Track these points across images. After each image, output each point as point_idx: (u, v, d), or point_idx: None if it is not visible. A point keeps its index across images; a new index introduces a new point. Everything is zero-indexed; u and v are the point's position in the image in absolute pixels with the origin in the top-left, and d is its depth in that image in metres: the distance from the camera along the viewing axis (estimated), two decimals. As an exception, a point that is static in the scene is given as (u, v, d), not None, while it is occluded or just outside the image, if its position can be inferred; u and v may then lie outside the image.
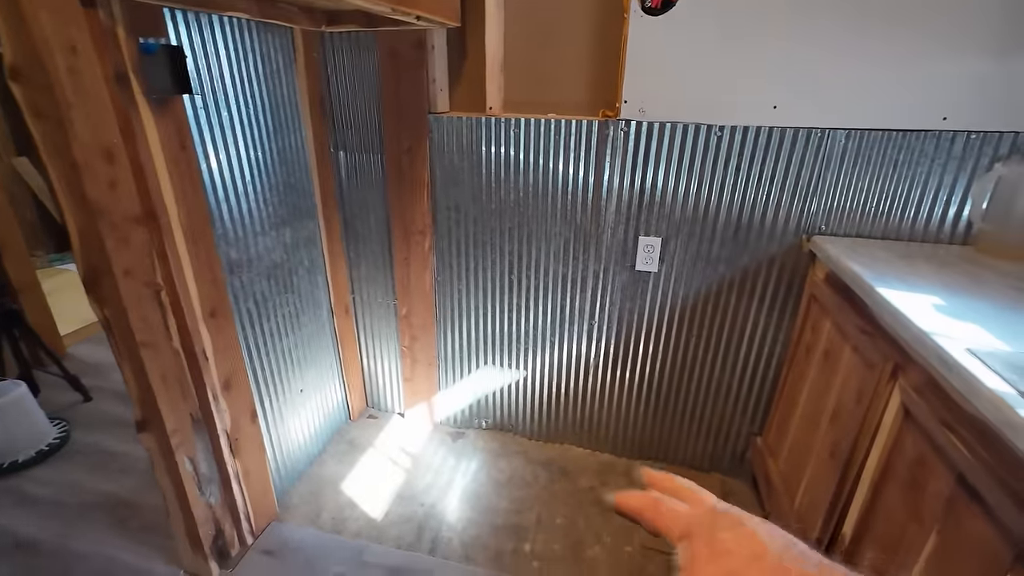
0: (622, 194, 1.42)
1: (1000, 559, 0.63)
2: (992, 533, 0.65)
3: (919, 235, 1.27)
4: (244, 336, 1.35)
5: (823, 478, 1.11)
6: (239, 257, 1.31)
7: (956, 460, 0.72)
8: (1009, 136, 1.15)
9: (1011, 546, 0.62)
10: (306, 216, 1.56)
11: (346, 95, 1.55)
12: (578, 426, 1.78)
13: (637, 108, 1.33)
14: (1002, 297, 0.94)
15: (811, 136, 1.25)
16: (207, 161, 1.18)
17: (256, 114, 1.31)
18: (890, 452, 0.88)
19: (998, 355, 0.73)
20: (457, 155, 1.51)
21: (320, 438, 1.77)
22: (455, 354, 1.80)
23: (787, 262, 1.38)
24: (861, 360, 1.03)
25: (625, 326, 1.58)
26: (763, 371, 1.51)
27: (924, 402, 0.80)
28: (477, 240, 1.60)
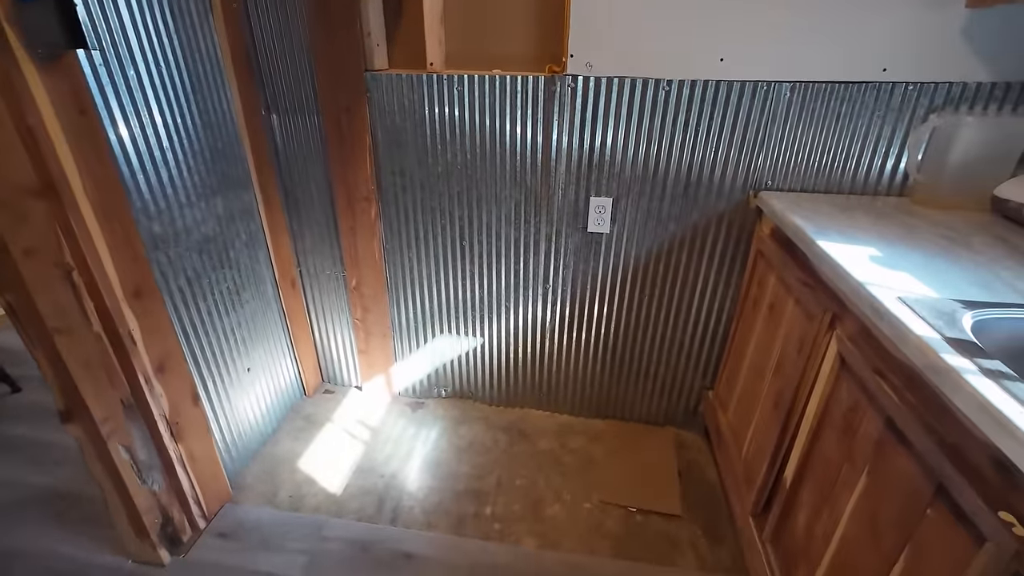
0: (571, 154, 1.39)
1: (922, 494, 0.66)
2: (915, 471, 0.68)
3: (860, 188, 1.30)
4: (177, 316, 1.27)
5: (767, 427, 1.15)
6: (163, 231, 1.21)
7: (886, 405, 0.74)
8: (944, 87, 1.16)
9: (932, 482, 0.65)
10: (239, 185, 1.45)
11: (274, 51, 1.43)
12: (537, 389, 1.79)
13: (584, 63, 1.28)
14: (932, 246, 0.97)
15: (757, 89, 1.24)
16: (115, 127, 1.06)
17: (171, 72, 1.19)
18: (827, 400, 0.91)
19: (926, 302, 0.75)
20: (399, 116, 1.43)
21: (273, 416, 1.72)
22: (410, 324, 1.76)
23: (735, 218, 1.38)
24: (802, 312, 1.05)
25: (579, 288, 1.57)
26: (713, 327, 1.55)
27: (858, 350, 0.83)
28: (425, 206, 1.54)
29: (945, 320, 0.70)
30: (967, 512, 0.58)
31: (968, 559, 0.57)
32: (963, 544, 0.58)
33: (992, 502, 0.55)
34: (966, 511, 0.58)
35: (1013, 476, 0.53)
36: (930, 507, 0.64)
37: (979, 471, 0.58)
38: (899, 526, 0.70)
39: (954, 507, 0.60)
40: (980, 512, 0.56)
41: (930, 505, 0.64)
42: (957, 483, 0.59)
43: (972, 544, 0.57)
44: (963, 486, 0.58)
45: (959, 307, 0.73)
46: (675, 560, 1.32)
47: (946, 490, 0.62)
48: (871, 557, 0.75)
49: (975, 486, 0.57)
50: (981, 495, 0.56)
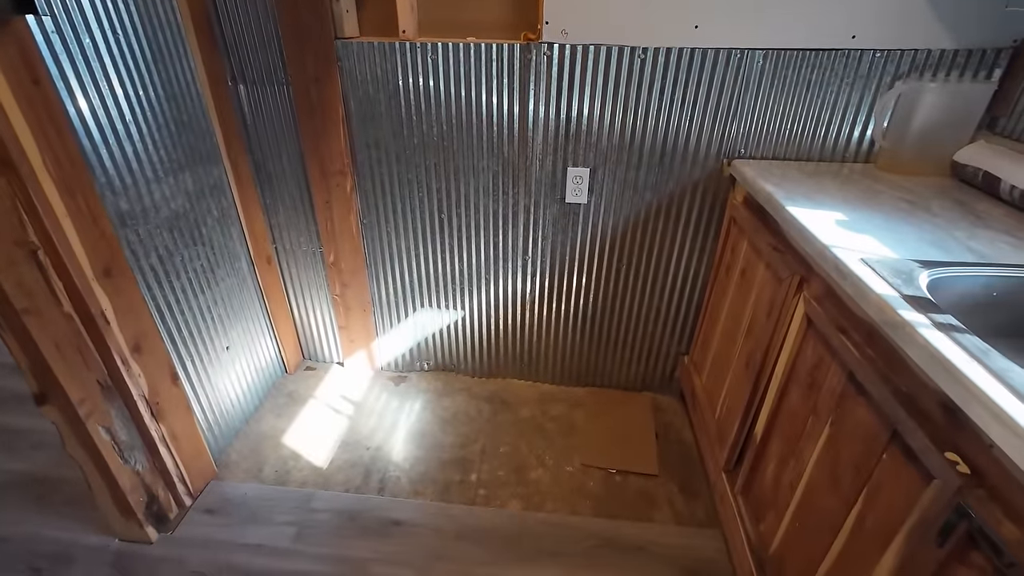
0: (548, 123, 1.38)
1: (878, 439, 0.71)
2: (873, 419, 0.73)
3: (828, 155, 1.33)
4: (151, 295, 1.24)
5: (739, 387, 1.21)
6: (131, 208, 1.17)
7: (847, 360, 0.79)
8: (909, 54, 1.19)
9: (887, 428, 0.70)
10: (208, 160, 1.41)
11: (238, 17, 1.37)
12: (518, 360, 1.82)
13: (559, 30, 1.26)
14: (894, 210, 1.01)
15: (731, 57, 1.24)
16: (72, 98, 1.02)
17: (129, 41, 1.14)
18: (795, 358, 0.96)
19: (886, 262, 0.79)
20: (372, 86, 1.40)
21: (256, 394, 1.72)
22: (390, 298, 1.76)
23: (710, 186, 1.41)
24: (772, 275, 1.09)
25: (558, 259, 1.59)
26: (689, 293, 1.59)
27: (823, 310, 0.87)
28: (402, 178, 1.52)
29: (903, 279, 0.74)
30: (917, 453, 0.62)
31: (917, 495, 0.62)
32: (913, 482, 0.63)
33: (940, 443, 0.59)
34: (917, 453, 0.63)
35: (958, 418, 0.58)
36: (885, 451, 0.69)
37: (929, 416, 0.63)
38: (858, 470, 0.75)
39: (906, 450, 0.65)
40: (929, 452, 0.60)
41: (885, 449, 0.69)
42: (909, 428, 0.64)
43: (921, 482, 0.62)
44: (914, 430, 0.63)
45: (916, 267, 0.77)
46: (652, 516, 1.39)
47: (900, 435, 0.66)
48: (833, 500, 0.81)
49: (925, 429, 0.62)
50: (930, 437, 0.61)
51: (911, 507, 0.62)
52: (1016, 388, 0.53)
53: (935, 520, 0.58)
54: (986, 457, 0.54)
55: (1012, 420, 0.49)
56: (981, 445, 0.55)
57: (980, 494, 0.53)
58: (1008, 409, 0.50)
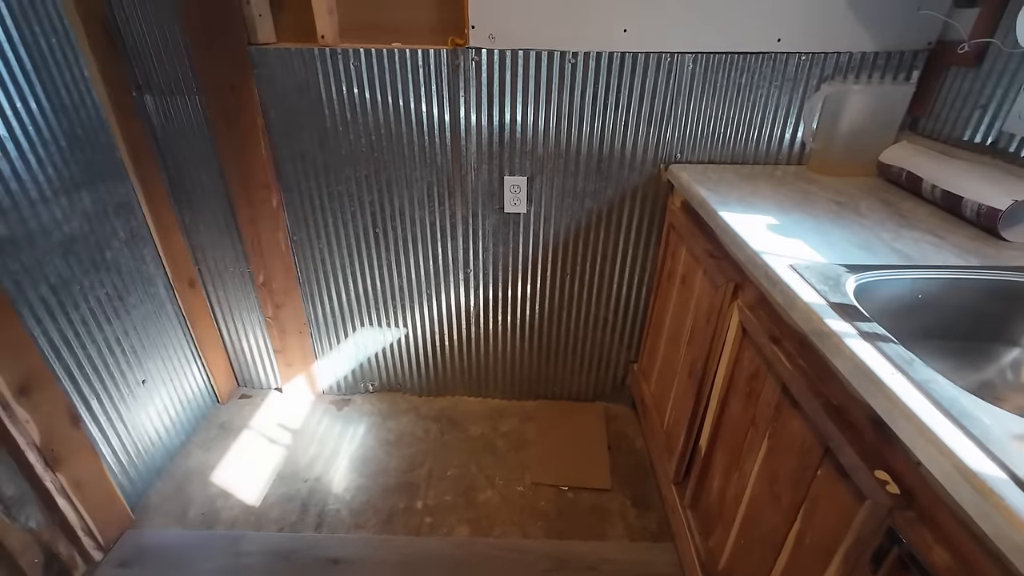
0: (481, 131, 1.33)
1: (813, 455, 0.69)
2: (807, 433, 0.70)
3: (762, 158, 1.33)
4: (42, 329, 1.11)
5: (684, 397, 1.18)
6: (11, 233, 1.05)
7: (780, 372, 0.76)
8: (832, 56, 1.20)
9: (821, 443, 0.67)
10: (111, 176, 1.29)
11: (138, 21, 1.26)
12: (466, 375, 1.76)
13: (486, 35, 1.21)
14: (824, 212, 1.01)
15: (661, 61, 1.23)
16: (-75, 111, 0.89)
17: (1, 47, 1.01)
18: (732, 368, 0.93)
19: (815, 268, 0.77)
20: (294, 94, 1.31)
21: (181, 428, 1.58)
22: (328, 318, 1.66)
23: (648, 192, 1.39)
24: (710, 282, 1.07)
25: (500, 271, 1.54)
26: (635, 301, 1.56)
27: (756, 319, 0.84)
28: (332, 192, 1.44)
29: (830, 285, 0.72)
30: (849, 471, 0.59)
31: (851, 516, 0.59)
32: (847, 502, 0.60)
33: (870, 460, 0.57)
34: (848, 470, 0.60)
35: (886, 433, 0.55)
36: (820, 467, 0.67)
37: (859, 431, 0.60)
38: (796, 486, 0.72)
39: (838, 467, 0.62)
40: (859, 470, 0.57)
41: (819, 466, 0.67)
42: (840, 443, 0.61)
43: (855, 501, 0.59)
44: (844, 446, 0.60)
45: (843, 271, 0.75)
46: (605, 532, 1.35)
47: (832, 451, 0.64)
48: (774, 516, 0.78)
49: (855, 446, 0.59)
50: (860, 454, 0.58)
51: (846, 528, 0.59)
52: (939, 401, 0.50)
53: (868, 543, 0.55)
54: (914, 476, 0.51)
55: (936, 436, 0.47)
56: (909, 463, 0.52)
57: (910, 516, 0.51)
58: (931, 424, 0.48)
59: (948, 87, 1.14)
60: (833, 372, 0.65)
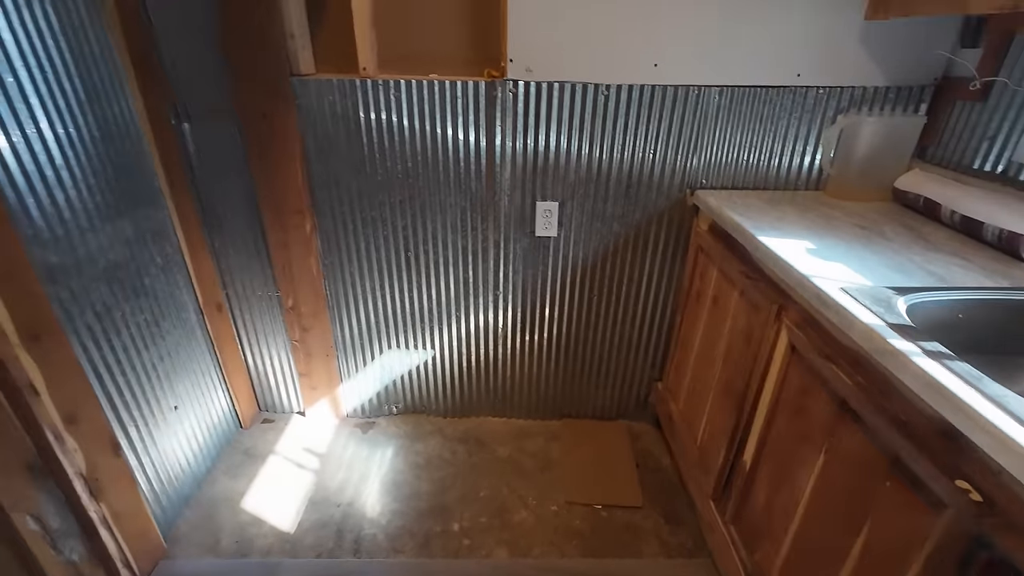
0: (516, 158, 1.38)
1: (878, 467, 0.73)
2: (871, 446, 0.75)
3: (782, 183, 1.41)
4: (88, 357, 1.11)
5: (721, 413, 1.22)
6: (62, 261, 1.05)
7: (837, 387, 0.81)
8: (848, 90, 1.29)
9: (887, 455, 0.71)
10: (149, 203, 1.30)
11: (182, 53, 1.29)
12: (491, 396, 1.77)
13: (524, 67, 1.27)
14: (853, 236, 1.07)
15: (689, 93, 1.30)
16: (-7, 143, 0.90)
17: (59, 78, 1.03)
18: (780, 385, 0.98)
19: (864, 290, 0.82)
20: (331, 123, 1.35)
21: (208, 455, 1.56)
22: (355, 341, 1.67)
23: (674, 216, 1.45)
24: (747, 303, 1.12)
25: (529, 292, 1.57)
26: (659, 320, 1.61)
27: (807, 338, 0.89)
28: (366, 217, 1.47)
29: (884, 306, 0.77)
30: (925, 481, 0.64)
31: (929, 524, 0.63)
32: (923, 511, 0.64)
33: (947, 471, 0.61)
34: (924, 480, 0.64)
35: (960, 445, 0.59)
36: (888, 479, 0.71)
37: (929, 443, 0.65)
38: (860, 497, 0.76)
39: (911, 478, 0.66)
40: (937, 480, 0.62)
41: (887, 477, 0.71)
42: (912, 455, 0.66)
43: (931, 510, 0.63)
44: (918, 458, 0.65)
45: (892, 294, 0.81)
46: (641, 550, 1.37)
47: (902, 462, 0.68)
48: (834, 529, 0.82)
49: (929, 457, 0.63)
50: (936, 465, 0.62)
51: (924, 536, 0.63)
52: (1015, 414, 0.55)
53: (951, 549, 0.59)
54: (995, 484, 0.56)
55: (1019, 446, 0.51)
56: (988, 472, 0.56)
57: (995, 522, 0.55)
58: (1014, 435, 0.52)
59: (956, 119, 1.23)
60: (896, 388, 0.70)
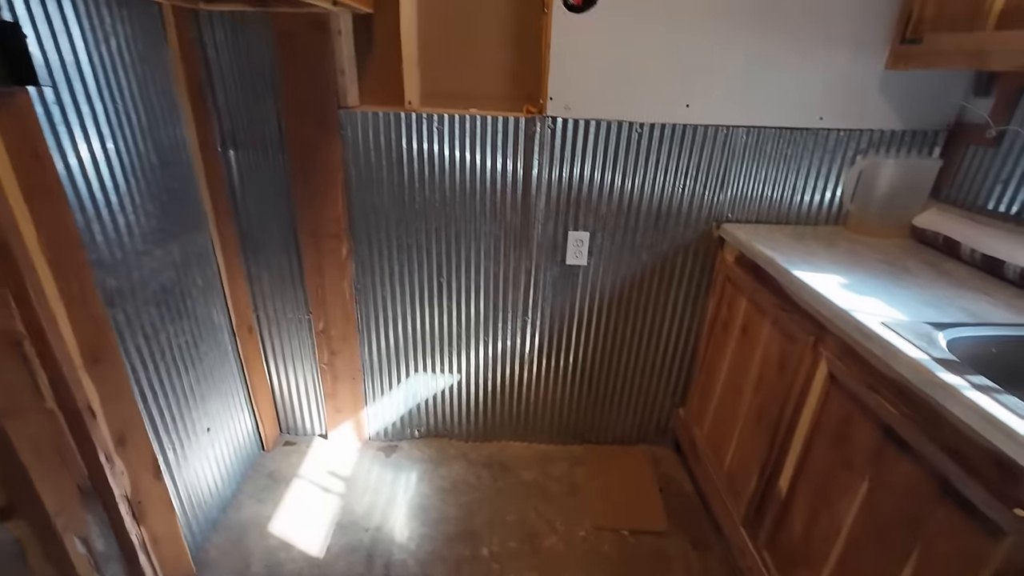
0: (551, 190, 1.43)
1: (928, 494, 0.77)
2: (919, 474, 0.78)
3: (804, 218, 1.47)
4: (135, 379, 1.12)
5: (752, 440, 1.25)
6: (120, 284, 1.07)
7: (882, 416, 0.85)
8: (867, 133, 1.37)
9: (937, 483, 0.75)
10: (195, 227, 1.33)
11: (233, 83, 1.34)
12: (514, 420, 1.79)
13: (563, 105, 1.34)
14: (879, 272, 1.13)
15: (718, 133, 1.37)
16: (69, 171, 0.94)
17: (126, 107, 1.07)
18: (820, 413, 1.02)
19: (904, 325, 0.87)
20: (374, 153, 1.40)
21: (233, 478, 1.56)
22: (381, 364, 1.69)
23: (700, 247, 1.51)
24: (782, 334, 1.16)
25: (557, 318, 1.61)
26: (682, 348, 1.65)
27: (848, 369, 0.94)
28: (401, 243, 1.50)
29: (926, 341, 0.82)
30: (981, 508, 0.68)
31: (987, 552, 0.66)
32: (978, 537, 0.68)
33: (1003, 499, 0.65)
34: (979, 508, 0.68)
35: (1016, 474, 0.64)
36: (939, 506, 0.74)
37: (982, 471, 0.69)
38: (908, 524, 0.80)
39: (965, 505, 0.70)
40: (994, 508, 0.66)
41: (938, 504, 0.75)
42: (965, 483, 0.70)
43: (987, 537, 0.67)
44: (972, 485, 0.69)
45: (931, 329, 0.86)
46: (670, 575, 1.38)
47: (955, 489, 0.72)
48: (880, 555, 0.85)
49: (983, 485, 0.67)
50: (991, 492, 0.66)
51: (981, 563, 0.67)
52: (1069, 446, 0.59)
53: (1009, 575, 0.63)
54: (1053, 511, 0.60)
55: (1077, 477, 0.56)
56: (1046, 500, 0.60)
57: (1056, 547, 0.59)
58: (1071, 467, 0.57)
59: (969, 162, 1.31)
60: (944, 417, 0.74)
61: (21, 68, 0.83)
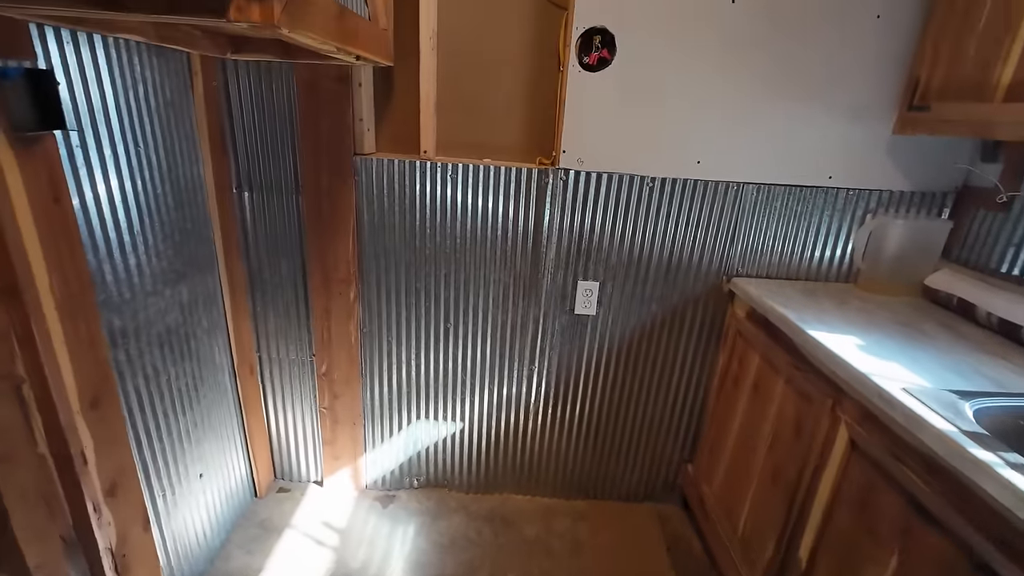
0: (561, 240, 1.44)
1: (959, 570, 0.72)
2: (951, 548, 0.74)
3: (814, 275, 1.47)
4: (132, 423, 1.09)
5: (768, 504, 1.21)
6: (124, 325, 1.06)
7: (909, 487, 0.82)
8: (876, 193, 1.38)
9: (970, 559, 0.71)
10: (206, 268, 1.32)
11: (252, 128, 1.36)
12: (517, 472, 1.73)
13: (576, 158, 1.36)
14: (895, 333, 1.11)
15: (728, 188, 1.39)
16: (86, 213, 0.94)
17: (148, 151, 1.09)
18: (841, 480, 0.98)
19: (927, 392, 0.85)
20: (387, 199, 1.41)
21: (223, 527, 1.49)
22: (383, 409, 1.65)
23: (710, 300, 1.50)
24: (796, 393, 1.14)
25: (564, 368, 1.59)
26: (691, 402, 1.62)
27: (870, 435, 0.91)
28: (410, 288, 1.50)
29: (951, 411, 0.80)
30: (1023, 596, 0.64)
31: (1032, 643, 0.62)
32: (1022, 627, 0.64)
33: (1047, 588, 0.61)
34: (1021, 595, 0.64)
35: (1059, 562, 0.60)
36: (976, 590, 0.70)
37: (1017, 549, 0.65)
38: (943, 608, 0.75)
39: (1004, 590, 0.66)
40: (1038, 598, 0.62)
41: (976, 587, 0.70)
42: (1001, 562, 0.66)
43: (1032, 628, 0.62)
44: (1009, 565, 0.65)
45: (955, 397, 0.84)
46: (682, 649, 1.30)
47: (990, 568, 0.68)
48: (912, 639, 0.79)
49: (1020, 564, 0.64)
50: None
51: (1026, 655, 0.62)
52: (1117, 535, 0.56)
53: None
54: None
55: None
56: (1095, 593, 0.57)
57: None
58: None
59: (979, 225, 1.32)
60: (975, 493, 0.71)
61: (51, 114, 0.84)
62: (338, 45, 0.93)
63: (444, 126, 1.43)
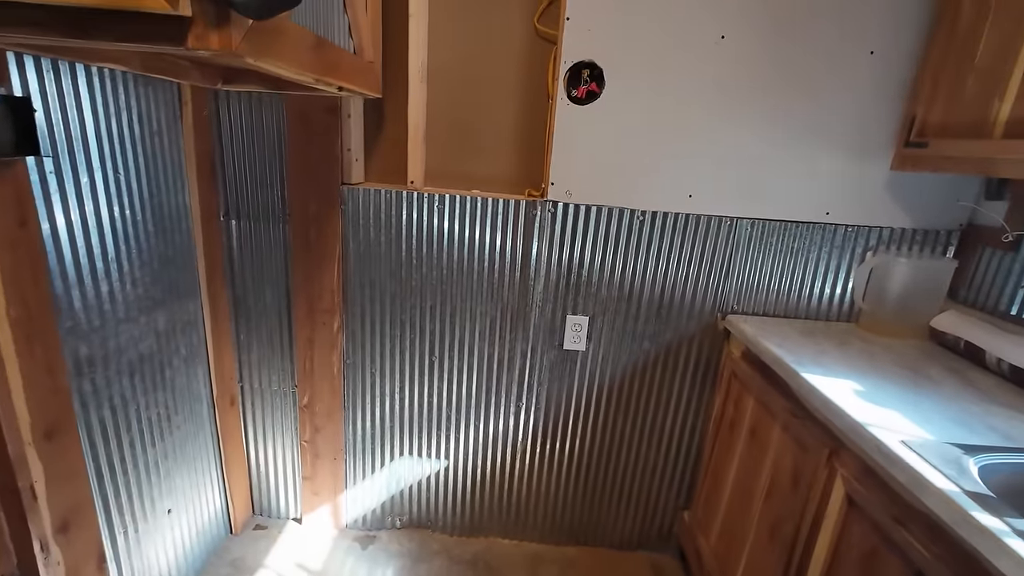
0: (550, 273, 1.40)
1: (970, 661, 0.64)
2: (959, 633, 0.66)
3: (813, 313, 1.41)
4: (93, 455, 1.05)
5: (766, 559, 1.12)
6: (92, 353, 1.03)
7: (913, 557, 0.74)
8: (876, 230, 1.33)
9: (981, 648, 0.63)
10: (186, 296, 1.31)
11: (241, 157, 1.37)
12: (503, 515, 1.65)
13: (564, 190, 1.34)
14: (898, 378, 1.04)
15: (721, 223, 1.35)
16: (56, 239, 0.93)
17: (128, 178, 1.09)
18: (838, 540, 0.90)
19: (929, 446, 0.78)
20: (374, 229, 1.39)
21: (191, 565, 1.43)
22: (365, 444, 1.59)
23: (705, 339, 1.44)
24: (793, 441, 1.07)
25: (553, 406, 1.52)
26: (687, 445, 1.54)
27: (868, 493, 0.83)
28: (395, 319, 1.46)
29: (955, 468, 0.73)
30: None
31: None
32: None
33: None
34: None
35: (1080, 654, 0.52)
36: None
37: (1037, 642, 0.57)
38: None
39: None
40: None
41: (987, 678, 0.62)
42: (1018, 657, 0.58)
43: None
44: (1027, 662, 0.57)
45: (960, 453, 0.77)
46: None
47: (1004, 661, 0.60)
48: None
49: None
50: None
51: None
52: None
53: None
54: None
55: None
56: None
57: None
58: None
59: (986, 264, 1.25)
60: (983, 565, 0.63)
61: (26, 140, 0.84)
62: (316, 76, 0.92)
63: (434, 157, 1.43)
